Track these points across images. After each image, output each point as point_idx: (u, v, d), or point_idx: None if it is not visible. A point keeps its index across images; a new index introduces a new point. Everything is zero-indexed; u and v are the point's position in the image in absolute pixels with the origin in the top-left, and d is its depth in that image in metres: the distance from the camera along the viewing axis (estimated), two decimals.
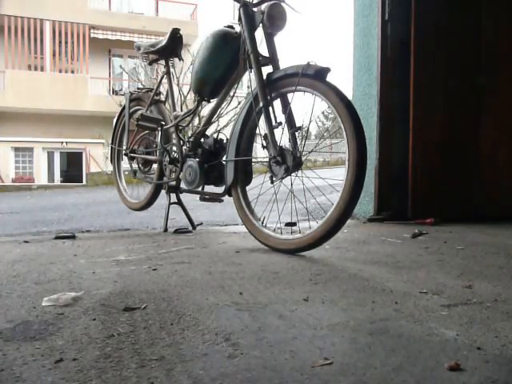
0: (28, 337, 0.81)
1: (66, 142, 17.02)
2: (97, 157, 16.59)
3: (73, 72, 17.38)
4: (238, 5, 1.83)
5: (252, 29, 1.81)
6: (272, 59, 1.80)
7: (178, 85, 8.91)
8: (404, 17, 2.67)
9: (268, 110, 1.72)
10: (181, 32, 2.35)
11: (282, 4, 1.79)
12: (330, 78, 1.60)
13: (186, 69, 7.30)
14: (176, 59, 2.46)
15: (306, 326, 0.88)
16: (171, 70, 2.43)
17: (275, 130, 1.73)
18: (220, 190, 2.00)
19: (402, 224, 2.56)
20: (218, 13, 15.55)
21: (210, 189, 2.11)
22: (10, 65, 16.33)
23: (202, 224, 2.45)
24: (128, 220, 3.08)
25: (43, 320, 0.90)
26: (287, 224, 2.24)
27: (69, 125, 17.30)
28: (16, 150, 16.95)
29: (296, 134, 1.73)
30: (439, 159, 2.74)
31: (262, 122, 1.79)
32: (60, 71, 17.36)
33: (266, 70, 1.82)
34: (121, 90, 18.63)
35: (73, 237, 1.97)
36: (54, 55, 17.12)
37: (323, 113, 33.70)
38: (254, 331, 0.84)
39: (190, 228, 2.31)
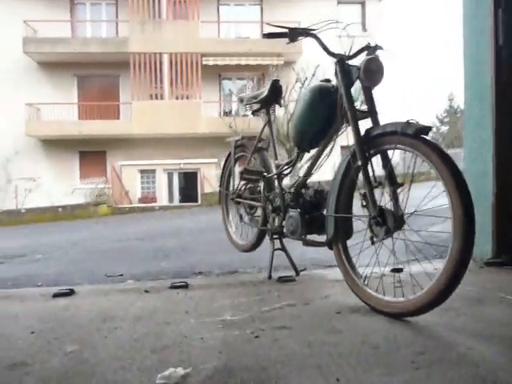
0: None
1: (183, 163, 18.45)
2: (210, 177, 17.68)
3: (187, 98, 18.84)
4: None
5: (348, 85, 1.81)
6: (370, 113, 1.78)
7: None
8: None
9: (367, 168, 1.70)
10: (280, 82, 2.43)
11: (379, 57, 1.77)
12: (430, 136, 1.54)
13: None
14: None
15: None
16: (272, 118, 2.53)
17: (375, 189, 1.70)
18: (322, 238, 2.02)
19: None
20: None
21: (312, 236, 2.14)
22: (136, 97, 18.27)
23: (305, 270, 2.48)
24: (236, 256, 3.24)
25: None
26: (393, 270, 2.17)
27: (185, 147, 18.69)
28: (142, 172, 18.83)
29: (397, 191, 1.69)
30: None
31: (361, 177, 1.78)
32: (177, 98, 18.94)
33: (365, 122, 1.81)
34: (230, 111, 19.69)
35: (186, 286, 2.14)
36: (171, 84, 18.76)
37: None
38: None
39: (294, 274, 2.35)
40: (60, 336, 1.48)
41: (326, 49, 1.90)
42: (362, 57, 1.94)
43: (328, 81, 2.01)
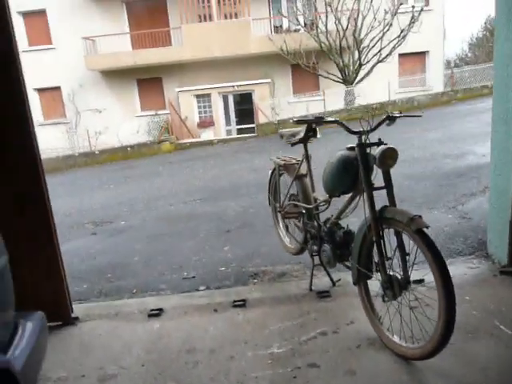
0: None
1: (237, 86, 18.52)
2: (264, 97, 17.71)
3: (236, 16, 18.24)
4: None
5: (366, 168, 2.15)
6: (387, 189, 2.15)
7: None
8: None
9: (380, 243, 2.11)
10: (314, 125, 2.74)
11: (392, 146, 2.07)
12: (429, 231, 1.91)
13: None
14: None
15: None
16: (309, 153, 2.89)
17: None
18: None
19: None
20: None
21: None
22: (184, 19, 18.02)
23: (340, 280, 3.00)
24: None
25: None
26: (415, 281, 2.64)
27: (237, 68, 18.58)
28: (197, 97, 19.24)
29: (406, 258, 2.10)
30: None
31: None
32: (225, 17, 18.43)
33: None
34: (281, 25, 18.90)
35: (244, 305, 2.77)
36: (218, 2, 18.15)
37: None
38: None
39: (330, 285, 2.89)
40: (162, 371, 2.19)
41: (348, 129, 2.21)
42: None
43: (353, 149, 2.33)
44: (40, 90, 19.66)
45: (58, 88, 19.80)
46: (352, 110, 14.30)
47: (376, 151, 2.09)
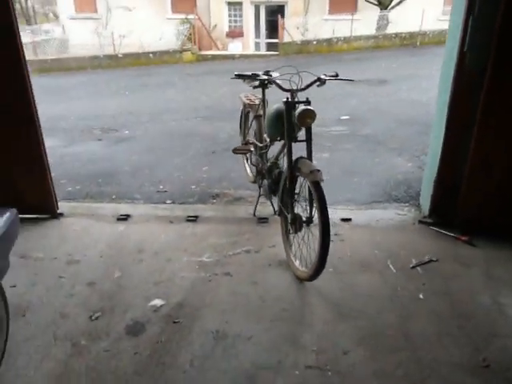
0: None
1: None
2: (297, 11, 16.99)
3: None
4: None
5: (289, 122, 2.51)
6: (306, 142, 2.54)
7: None
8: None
9: (291, 187, 2.56)
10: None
11: (310, 107, 2.41)
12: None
13: None
14: None
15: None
16: (266, 98, 3.22)
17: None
18: None
19: (440, 235, 3.09)
20: None
21: None
22: None
23: None
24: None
25: (138, 316, 2.31)
26: (342, 219, 3.15)
27: None
28: (229, 4, 18.59)
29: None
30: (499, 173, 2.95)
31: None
32: None
33: None
34: None
35: (195, 220, 3.33)
36: None
37: None
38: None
39: (272, 214, 3.39)
40: (114, 262, 2.81)
41: (280, 87, 2.54)
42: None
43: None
44: None
45: None
46: (379, 37, 13.70)
47: (296, 110, 2.44)
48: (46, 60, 13.51)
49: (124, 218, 3.37)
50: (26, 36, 18.77)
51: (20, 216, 3.09)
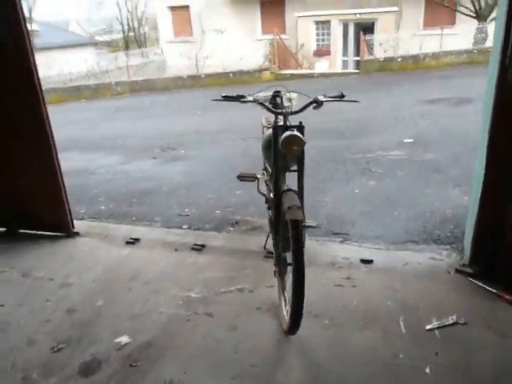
0: None
1: (359, 13, 17.23)
2: (387, 28, 16.28)
3: None
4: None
5: (276, 149, 2.21)
6: (298, 171, 2.23)
7: None
8: None
9: (276, 222, 2.24)
10: None
11: (296, 133, 2.09)
12: None
13: None
14: None
15: None
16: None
17: None
18: None
19: (479, 289, 2.51)
20: None
21: None
22: None
23: None
24: None
25: (99, 352, 2.14)
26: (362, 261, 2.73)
27: None
28: (317, 23, 18.47)
29: None
30: None
31: None
32: None
33: None
34: None
35: (200, 249, 3.13)
36: None
37: None
38: None
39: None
40: (103, 289, 2.72)
41: (268, 109, 2.26)
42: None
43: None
44: (172, 8, 20.78)
45: (186, 7, 20.66)
46: (473, 51, 12.44)
47: (281, 136, 2.14)
48: (137, 81, 14.54)
49: (132, 241, 3.29)
50: (129, 59, 20.66)
51: (38, 233, 3.20)
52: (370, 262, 2.86)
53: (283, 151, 2.15)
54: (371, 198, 3.95)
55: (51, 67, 18.59)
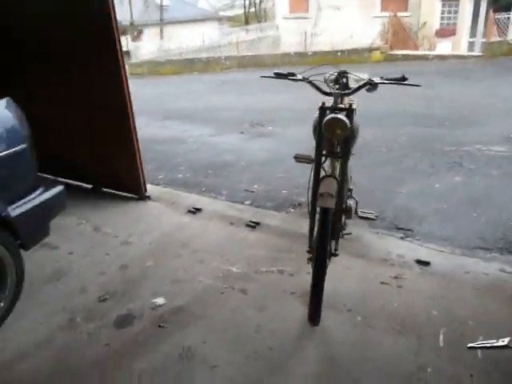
0: None
1: None
2: None
3: None
4: None
5: (320, 131, 2.10)
6: (341, 157, 2.12)
7: None
8: None
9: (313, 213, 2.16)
10: None
11: (339, 116, 1.97)
12: None
13: None
14: None
15: None
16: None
17: None
18: None
19: None
20: None
21: None
22: None
23: (350, 234, 2.99)
24: None
25: (135, 309, 2.31)
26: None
27: None
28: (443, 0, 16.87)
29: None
30: None
31: None
32: None
33: None
34: None
35: (254, 226, 3.15)
36: None
37: None
38: None
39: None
40: (156, 251, 2.90)
41: (319, 89, 2.15)
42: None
43: None
44: None
45: None
46: None
47: (325, 119, 2.03)
48: (245, 56, 14.77)
49: (193, 211, 3.43)
50: (247, 34, 21.09)
51: (117, 193, 3.49)
52: (426, 263, 2.63)
53: (326, 135, 2.04)
54: (451, 195, 3.58)
55: (174, 40, 19.84)
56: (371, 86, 2.13)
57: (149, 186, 3.87)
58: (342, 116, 1.99)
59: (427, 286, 2.43)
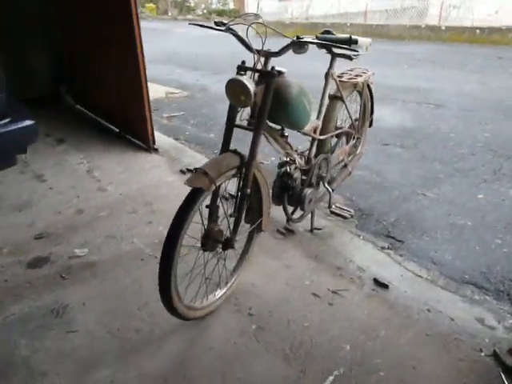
0: None
1: None
2: None
3: None
4: None
5: None
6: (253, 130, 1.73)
7: None
8: None
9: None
10: None
11: (241, 79, 1.58)
12: None
13: None
14: None
15: None
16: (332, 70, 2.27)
17: None
18: None
19: None
20: None
21: None
22: None
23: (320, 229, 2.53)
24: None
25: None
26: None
27: None
28: None
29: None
30: None
31: None
32: None
33: None
34: None
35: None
36: None
37: None
38: None
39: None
40: (119, 203, 2.82)
41: (245, 44, 1.75)
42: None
43: None
44: None
45: None
46: None
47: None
48: (370, 25, 13.55)
49: (184, 171, 3.26)
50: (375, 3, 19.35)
51: (133, 140, 3.44)
52: (384, 286, 2.08)
53: (229, 100, 1.67)
54: (488, 212, 2.79)
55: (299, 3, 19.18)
56: (299, 46, 1.66)
57: (165, 139, 3.79)
58: (245, 79, 1.59)
59: (363, 313, 1.92)
